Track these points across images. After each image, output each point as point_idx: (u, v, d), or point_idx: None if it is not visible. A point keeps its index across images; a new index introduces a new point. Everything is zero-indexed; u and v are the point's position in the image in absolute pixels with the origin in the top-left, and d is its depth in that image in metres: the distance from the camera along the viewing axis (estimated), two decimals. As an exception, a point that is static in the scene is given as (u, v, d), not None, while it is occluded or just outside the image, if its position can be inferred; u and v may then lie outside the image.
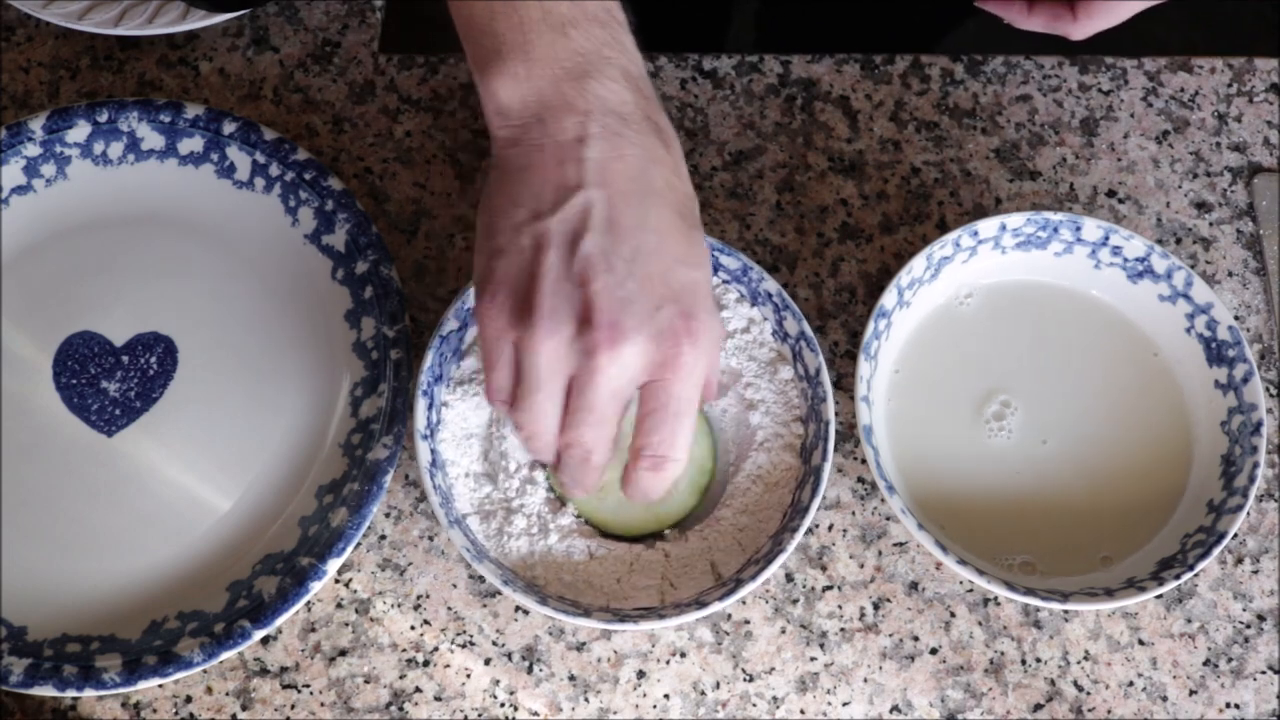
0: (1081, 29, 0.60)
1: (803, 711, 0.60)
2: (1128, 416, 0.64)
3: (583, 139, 0.51)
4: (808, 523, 0.58)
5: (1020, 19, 0.61)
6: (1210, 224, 0.71)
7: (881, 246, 0.69)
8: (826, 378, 0.61)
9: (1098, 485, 0.63)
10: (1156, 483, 0.63)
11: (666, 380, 0.52)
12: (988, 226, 0.64)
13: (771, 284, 0.63)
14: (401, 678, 0.60)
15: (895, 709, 0.61)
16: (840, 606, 0.62)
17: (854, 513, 0.64)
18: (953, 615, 0.62)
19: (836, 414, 0.62)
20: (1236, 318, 0.69)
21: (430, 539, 0.63)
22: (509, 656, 0.61)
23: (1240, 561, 0.64)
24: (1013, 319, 0.66)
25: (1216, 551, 0.59)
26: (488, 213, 0.53)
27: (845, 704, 0.61)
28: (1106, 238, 0.65)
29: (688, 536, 0.61)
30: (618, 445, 0.54)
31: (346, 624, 0.61)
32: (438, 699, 0.60)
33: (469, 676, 0.60)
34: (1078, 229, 0.65)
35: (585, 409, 0.52)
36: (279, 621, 0.58)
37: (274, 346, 0.65)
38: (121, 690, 0.57)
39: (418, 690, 0.60)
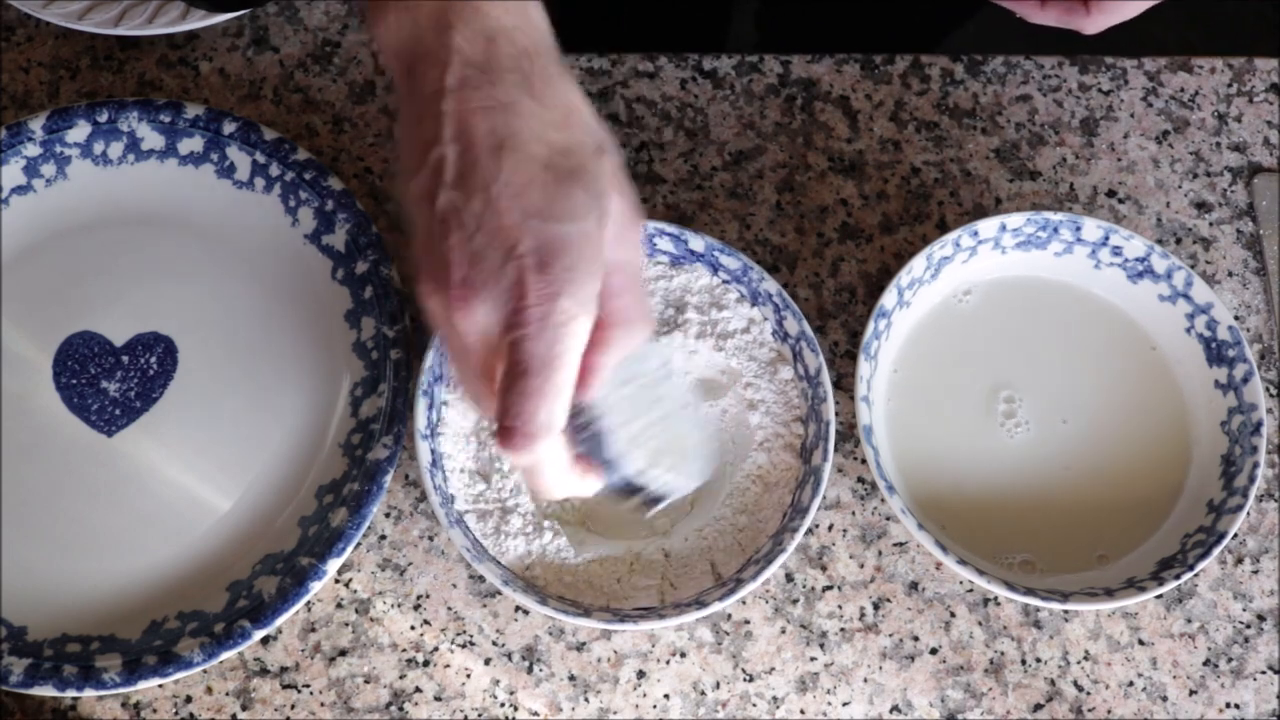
0: (1095, 23, 0.60)
1: (803, 711, 0.60)
2: (1128, 416, 0.64)
3: (439, 92, 0.50)
4: (808, 523, 0.58)
5: (1034, 13, 0.61)
6: (1210, 224, 0.71)
7: (881, 246, 0.69)
8: (827, 378, 0.61)
9: (1098, 485, 0.63)
10: (1156, 482, 0.63)
11: (518, 338, 0.48)
12: (988, 226, 0.64)
13: (771, 284, 0.63)
14: (401, 678, 0.60)
15: (895, 709, 0.61)
16: (840, 606, 0.62)
17: (854, 513, 0.64)
18: (953, 615, 0.62)
19: (836, 414, 0.62)
20: (1236, 318, 0.69)
21: (430, 539, 0.63)
22: (509, 656, 0.61)
23: (1240, 561, 0.64)
24: (1013, 318, 0.66)
25: (1216, 551, 0.59)
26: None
27: (845, 704, 0.61)
28: (1106, 238, 0.65)
29: (687, 536, 0.61)
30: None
31: (346, 624, 0.61)
32: (438, 699, 0.60)
33: (469, 676, 0.60)
34: (1078, 229, 0.65)
35: (455, 370, 0.51)
36: (279, 621, 0.58)
37: (274, 346, 0.65)
38: (121, 690, 0.57)
39: (418, 690, 0.60)
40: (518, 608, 0.62)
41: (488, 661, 0.61)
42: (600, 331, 0.50)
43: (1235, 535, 0.64)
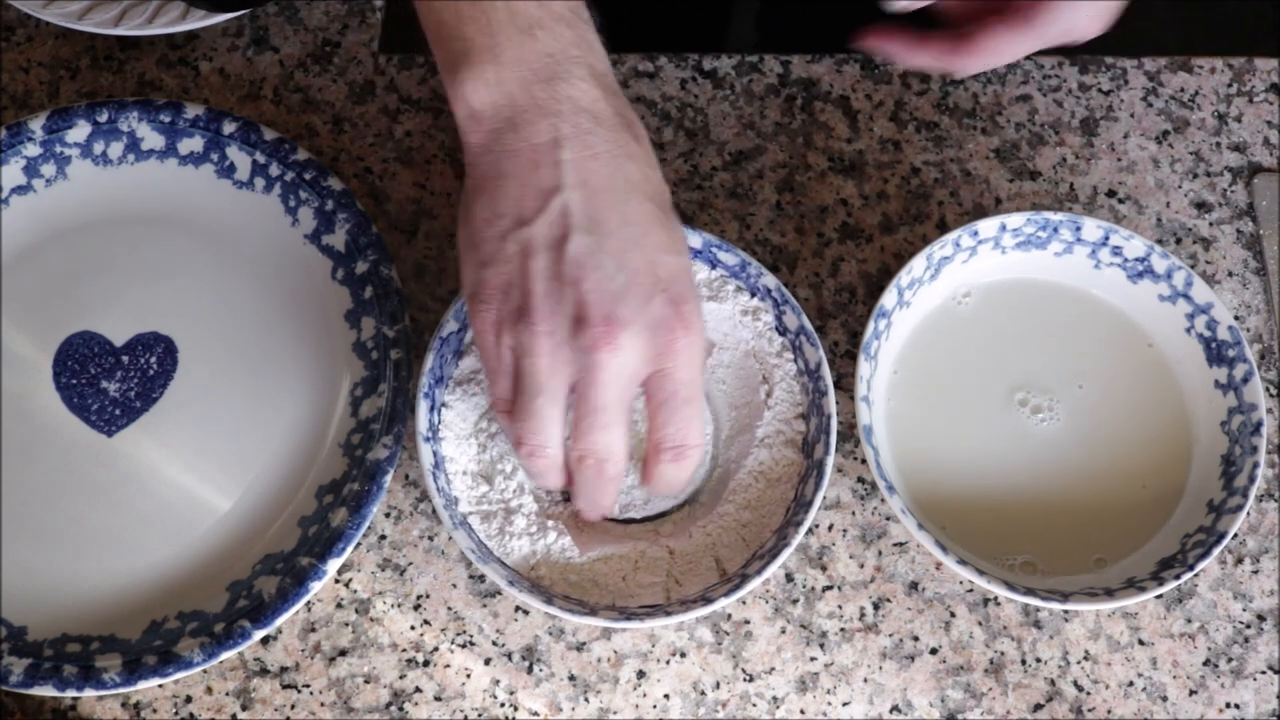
0: (971, 65, 0.60)
1: (803, 711, 0.60)
2: (1128, 416, 0.64)
3: (557, 141, 0.52)
4: (812, 517, 0.58)
5: (906, 56, 0.61)
6: (1210, 224, 0.71)
7: (881, 246, 0.69)
8: (827, 372, 0.61)
9: (1098, 485, 0.63)
10: (1156, 483, 0.63)
11: (669, 369, 0.52)
12: (988, 226, 0.64)
13: (770, 279, 0.63)
14: (401, 678, 0.60)
15: (895, 709, 0.61)
16: (840, 606, 0.62)
17: (854, 513, 0.64)
18: (953, 615, 0.62)
19: (836, 413, 0.62)
20: (1236, 318, 0.69)
21: (430, 539, 0.63)
22: (509, 656, 0.61)
23: (1240, 561, 0.64)
24: (1013, 318, 0.66)
25: (1216, 551, 0.59)
26: (469, 224, 0.54)
27: (845, 704, 0.61)
28: (1106, 238, 0.65)
29: (691, 533, 0.61)
30: (632, 455, 0.54)
31: (346, 624, 0.61)
32: (438, 699, 0.60)
33: (469, 676, 0.60)
34: (1078, 229, 0.65)
35: (593, 411, 0.52)
36: (279, 621, 0.58)
37: (274, 346, 0.65)
38: (121, 690, 0.57)
39: (418, 690, 0.60)
40: (518, 608, 0.62)
41: (488, 661, 0.61)
42: None
43: (1235, 535, 0.64)
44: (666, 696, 0.60)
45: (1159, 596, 0.63)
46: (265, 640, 0.61)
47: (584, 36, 0.53)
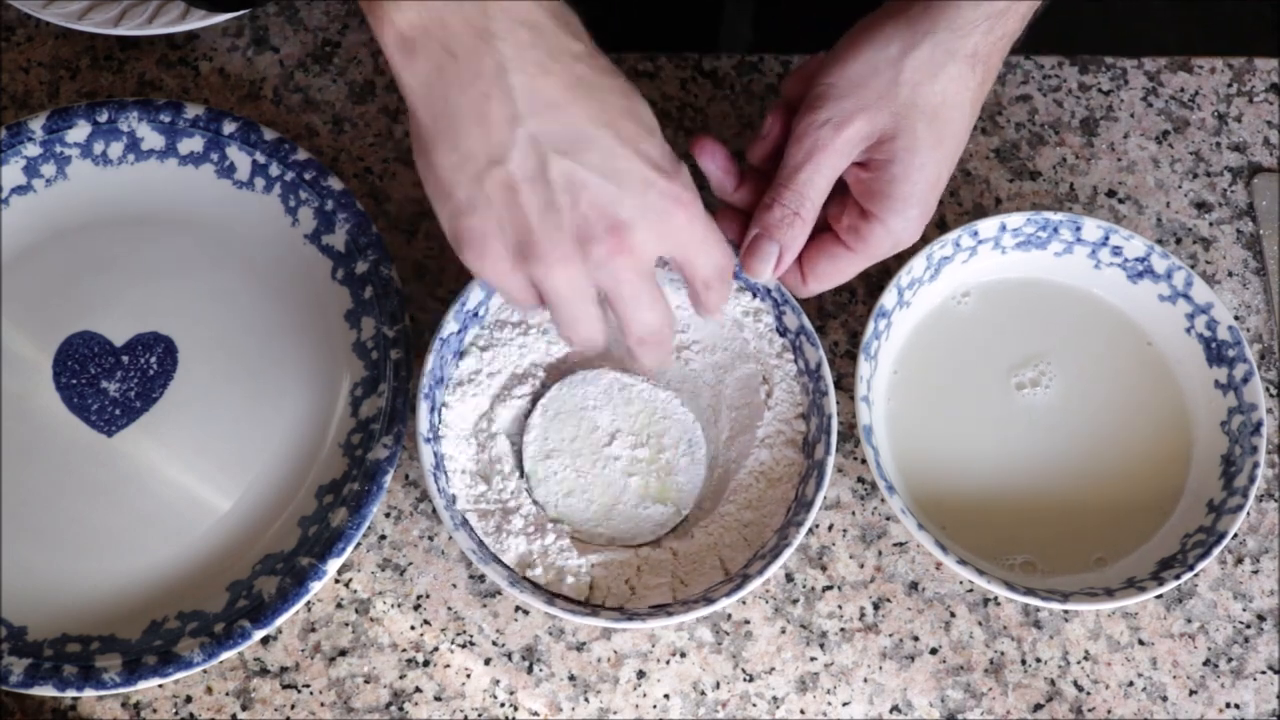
0: (809, 291, 0.61)
1: (803, 711, 0.60)
2: (1128, 416, 0.64)
3: (501, 65, 0.49)
4: (813, 517, 0.58)
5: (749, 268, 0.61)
6: (1210, 224, 0.71)
7: (881, 246, 0.69)
8: (827, 372, 0.61)
9: (1098, 485, 0.63)
10: (1156, 483, 0.63)
11: (684, 238, 0.54)
12: (988, 226, 0.64)
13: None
14: (401, 678, 0.60)
15: (895, 709, 0.61)
16: (840, 606, 0.62)
17: (854, 513, 0.64)
18: (953, 615, 0.62)
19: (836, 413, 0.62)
20: (1236, 318, 0.69)
21: (430, 539, 0.63)
22: (509, 656, 0.61)
23: (1240, 561, 0.64)
24: (1013, 318, 0.66)
25: (1216, 551, 0.59)
26: (434, 170, 0.52)
27: (845, 704, 0.61)
28: (1106, 238, 0.65)
29: (693, 533, 0.61)
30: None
31: (346, 624, 0.61)
32: (438, 699, 0.60)
33: (469, 676, 0.60)
34: (1078, 229, 0.65)
35: (630, 303, 0.53)
36: (279, 621, 0.58)
37: (274, 346, 0.65)
38: (121, 690, 0.57)
39: (418, 690, 0.60)
40: (518, 608, 0.62)
41: (488, 661, 0.61)
42: None
43: (1235, 535, 0.64)
44: (666, 696, 0.60)
45: (1159, 596, 0.63)
46: (265, 640, 0.61)
47: None
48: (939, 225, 0.70)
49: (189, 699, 0.60)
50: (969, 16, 0.57)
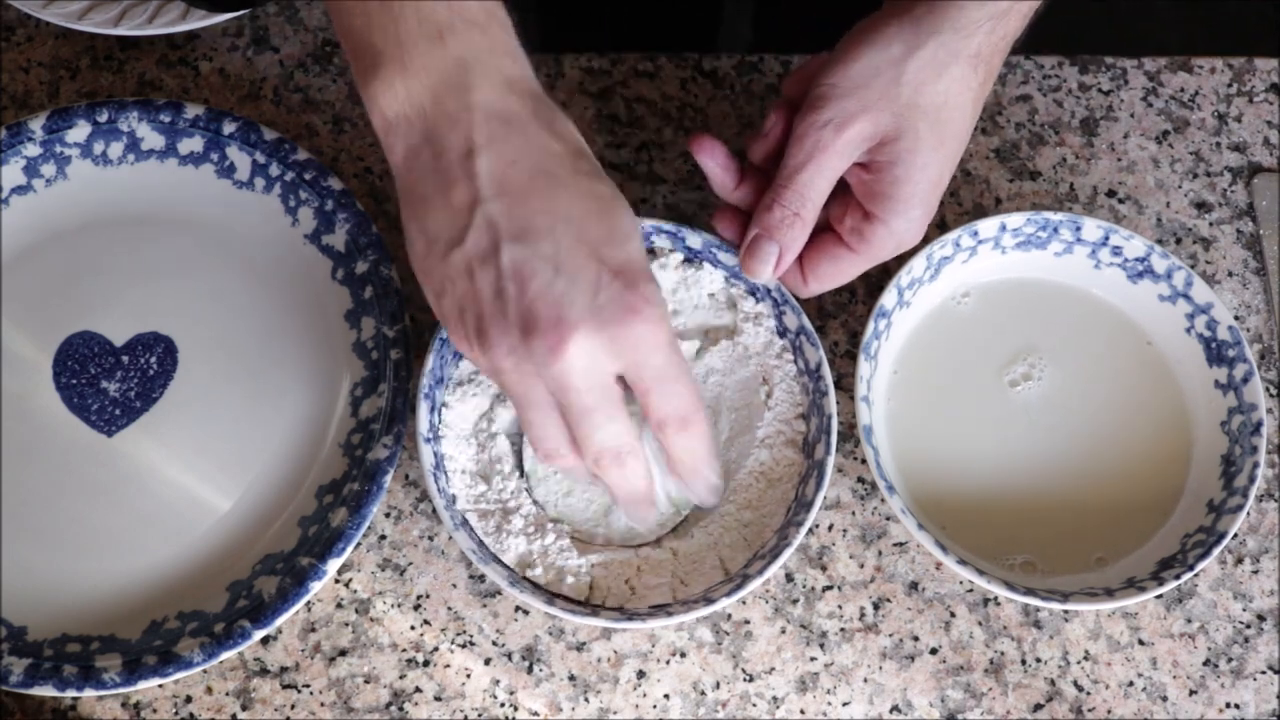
0: (810, 291, 0.62)
1: (803, 711, 0.60)
2: (1128, 416, 0.64)
3: (471, 151, 0.50)
4: (813, 517, 0.58)
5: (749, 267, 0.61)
6: (1210, 224, 0.71)
7: (881, 246, 0.69)
8: (828, 372, 0.61)
9: (1098, 485, 0.63)
10: (1156, 482, 0.63)
11: (638, 358, 0.51)
12: (988, 226, 0.64)
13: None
14: (401, 678, 0.60)
15: (895, 709, 0.61)
16: (840, 606, 0.62)
17: (854, 513, 0.64)
18: (953, 615, 0.63)
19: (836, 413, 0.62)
20: (1236, 318, 0.69)
21: (430, 539, 0.63)
22: (509, 656, 0.61)
23: (1240, 561, 0.64)
24: (1013, 318, 0.66)
25: (1216, 551, 0.59)
26: (412, 252, 0.53)
27: (845, 704, 0.61)
28: (1106, 238, 0.65)
29: (693, 533, 0.61)
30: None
31: (346, 624, 0.61)
32: (438, 699, 0.60)
33: (469, 676, 0.60)
34: (1078, 229, 0.65)
35: (582, 417, 0.51)
36: (279, 621, 0.58)
37: (274, 346, 0.65)
38: (121, 690, 0.57)
39: (418, 690, 0.60)
40: (518, 608, 0.62)
41: (488, 661, 0.61)
42: None
43: (1235, 535, 0.64)
44: (666, 696, 0.60)
45: (1159, 596, 0.63)
46: (265, 640, 0.61)
47: (498, 39, 0.52)
48: (939, 225, 0.70)
49: (189, 699, 0.60)
50: (972, 17, 0.56)
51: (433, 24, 0.50)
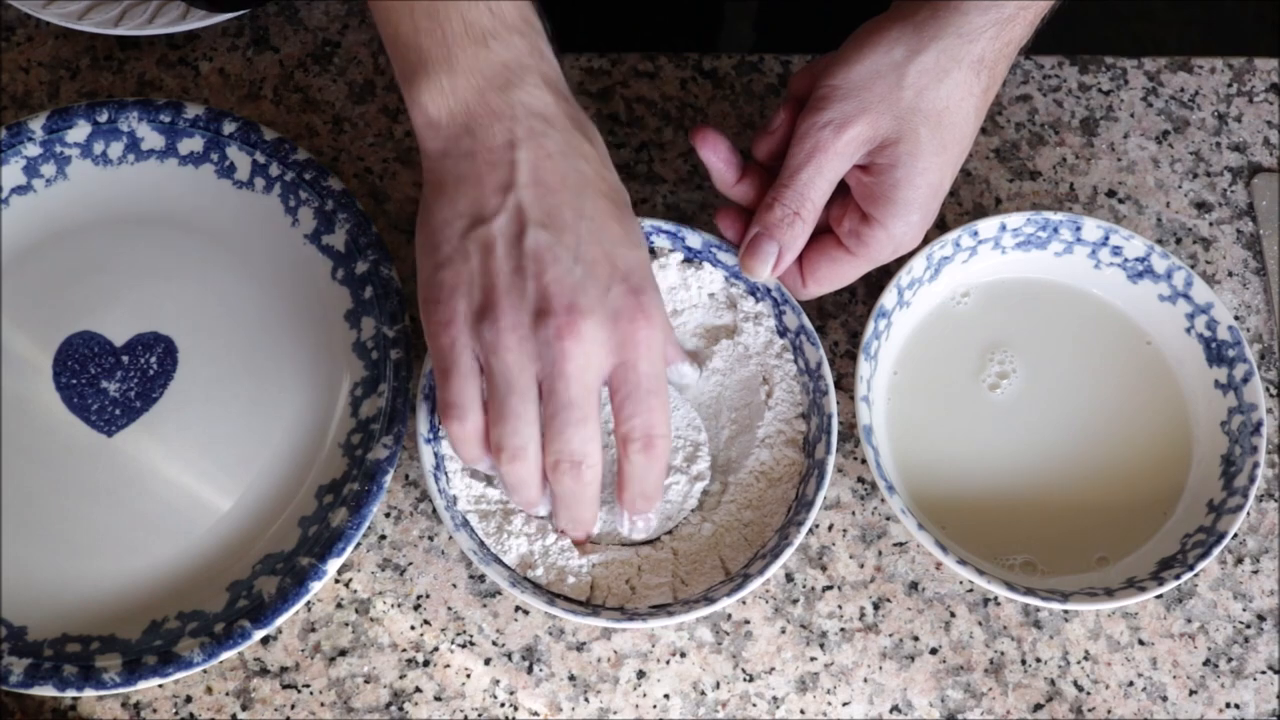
0: (809, 294, 0.62)
1: (803, 711, 0.60)
2: (1128, 416, 0.64)
3: (512, 143, 0.53)
4: (813, 517, 0.58)
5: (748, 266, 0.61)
6: (1210, 224, 0.71)
7: (881, 246, 0.69)
8: (828, 371, 0.61)
9: (1098, 485, 0.63)
10: (1156, 482, 0.63)
11: (632, 360, 0.53)
12: (988, 226, 0.64)
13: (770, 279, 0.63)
14: (401, 678, 0.60)
15: (895, 709, 0.61)
16: (840, 606, 0.62)
17: (854, 513, 0.64)
18: (953, 615, 0.63)
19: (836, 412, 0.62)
20: (1236, 318, 0.69)
21: (430, 539, 0.63)
22: (509, 656, 0.61)
23: (1240, 561, 0.64)
24: (1013, 318, 0.66)
25: (1216, 551, 0.59)
26: (427, 225, 0.55)
27: (845, 704, 0.61)
28: (1106, 238, 0.65)
29: (694, 534, 0.61)
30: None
31: (346, 624, 0.61)
32: (438, 699, 0.60)
33: (469, 676, 0.60)
34: (1078, 229, 0.65)
35: (564, 407, 0.53)
36: (279, 621, 0.58)
37: (274, 346, 0.65)
38: (121, 690, 0.57)
39: (418, 690, 0.60)
40: (518, 608, 0.62)
41: (488, 661, 0.61)
42: None
43: (1235, 535, 0.64)
44: (666, 696, 0.60)
45: (1159, 596, 0.63)
46: (265, 640, 0.61)
47: (536, 45, 0.55)
48: (939, 225, 0.70)
49: (189, 699, 0.60)
50: (976, 22, 0.57)
51: (478, 29, 0.53)
